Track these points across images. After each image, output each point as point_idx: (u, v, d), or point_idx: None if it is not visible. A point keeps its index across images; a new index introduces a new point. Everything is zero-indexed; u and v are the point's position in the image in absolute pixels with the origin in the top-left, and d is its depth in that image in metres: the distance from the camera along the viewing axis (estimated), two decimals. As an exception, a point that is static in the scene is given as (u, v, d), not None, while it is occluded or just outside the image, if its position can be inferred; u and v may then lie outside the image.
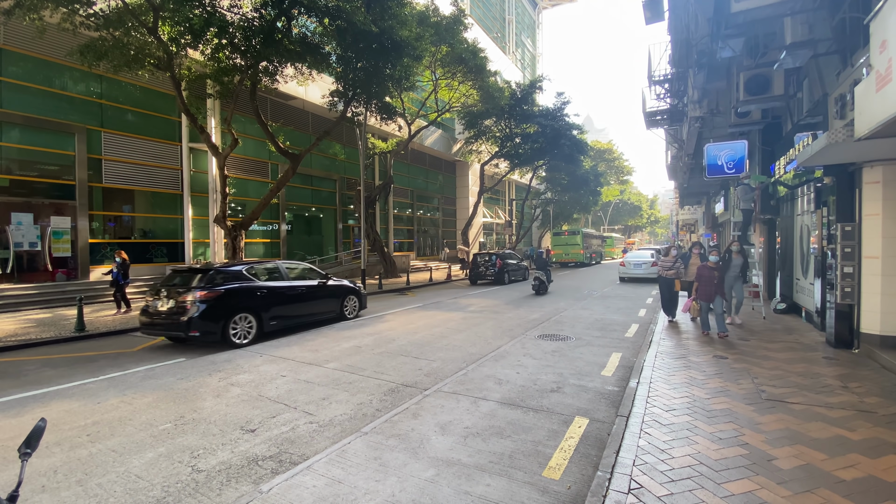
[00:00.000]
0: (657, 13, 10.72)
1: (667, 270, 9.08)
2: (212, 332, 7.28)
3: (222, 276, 7.78)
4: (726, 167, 11.51)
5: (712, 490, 2.91)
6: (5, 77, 11.94)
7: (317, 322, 9.54)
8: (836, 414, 4.15)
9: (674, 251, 9.21)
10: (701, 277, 7.67)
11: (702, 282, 7.65)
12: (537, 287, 14.72)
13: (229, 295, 7.59)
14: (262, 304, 8.06)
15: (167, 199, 15.52)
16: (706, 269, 7.69)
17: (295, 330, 8.90)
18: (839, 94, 6.34)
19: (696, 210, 33.08)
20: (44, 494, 3.07)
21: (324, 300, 9.65)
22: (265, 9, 11.36)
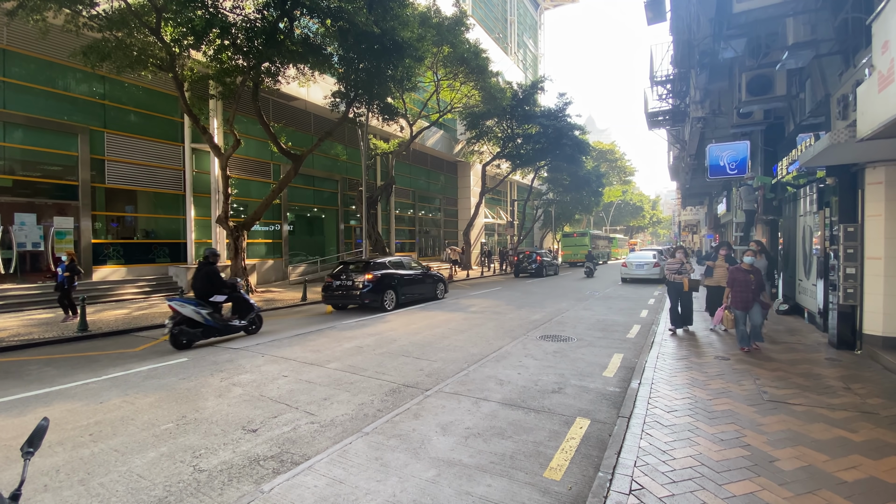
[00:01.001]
0: (659, 14, 10.71)
1: (674, 274, 8.26)
2: (375, 301, 11.21)
3: (377, 266, 11.69)
4: (728, 168, 11.50)
5: (714, 491, 2.90)
6: (9, 78, 12.00)
7: (423, 299, 13.19)
8: (838, 415, 4.14)
9: (680, 253, 8.48)
10: (735, 282, 6.68)
11: (736, 287, 6.64)
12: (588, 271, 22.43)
13: (383, 278, 11.54)
14: (398, 285, 11.95)
15: (169, 200, 15.56)
16: (740, 272, 6.66)
17: (413, 304, 12.62)
18: (841, 94, 6.32)
19: (698, 211, 33.03)
20: (46, 493, 3.08)
21: (428, 284, 13.45)
22: (267, 10, 11.39)
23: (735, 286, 6.70)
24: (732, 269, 6.83)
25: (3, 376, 5.94)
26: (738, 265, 6.83)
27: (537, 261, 23.00)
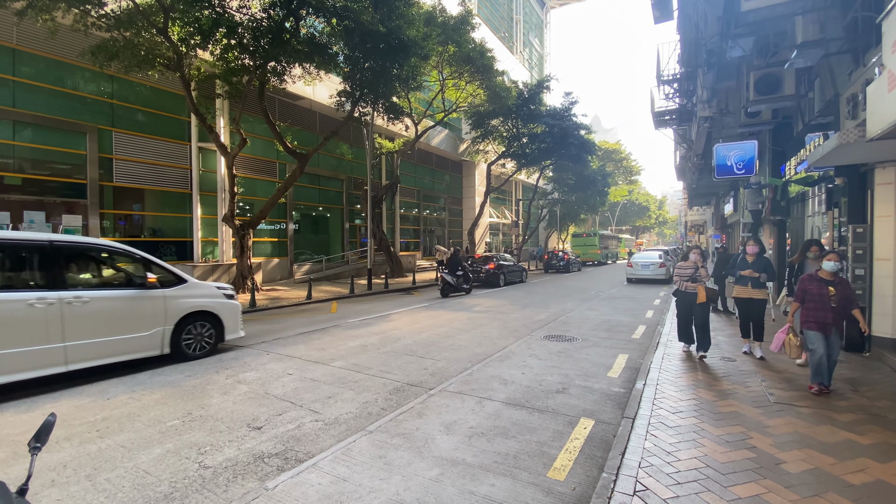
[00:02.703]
0: (666, 12, 10.65)
1: (686, 281, 6.51)
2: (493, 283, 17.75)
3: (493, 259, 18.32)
4: (736, 168, 11.40)
5: (719, 493, 2.89)
6: (18, 77, 12.12)
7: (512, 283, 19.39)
8: (846, 418, 4.10)
9: (695, 254, 6.68)
10: (806, 296, 4.99)
11: (809, 303, 4.95)
12: None
13: (498, 267, 18.14)
14: (504, 272, 18.46)
15: (176, 198, 15.66)
16: (814, 282, 4.96)
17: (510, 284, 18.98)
18: (851, 93, 6.26)
19: (704, 211, 32.83)
20: (53, 489, 3.12)
21: (516, 273, 19.87)
22: (273, 9, 11.43)
23: (807, 301, 4.98)
24: (805, 279, 5.09)
25: (12, 372, 6.00)
26: (812, 272, 5.12)
27: (565, 258, 27.73)
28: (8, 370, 4.87)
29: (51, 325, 5.19)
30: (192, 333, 6.63)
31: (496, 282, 18.01)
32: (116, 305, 5.84)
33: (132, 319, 5.98)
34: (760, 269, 6.44)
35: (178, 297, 6.47)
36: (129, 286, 6.13)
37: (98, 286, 5.99)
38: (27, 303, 5.04)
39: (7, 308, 4.89)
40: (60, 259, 5.48)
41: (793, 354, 5.18)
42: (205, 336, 6.81)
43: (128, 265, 6.40)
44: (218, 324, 6.95)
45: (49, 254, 5.42)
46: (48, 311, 5.18)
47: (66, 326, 5.32)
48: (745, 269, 6.48)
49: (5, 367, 4.84)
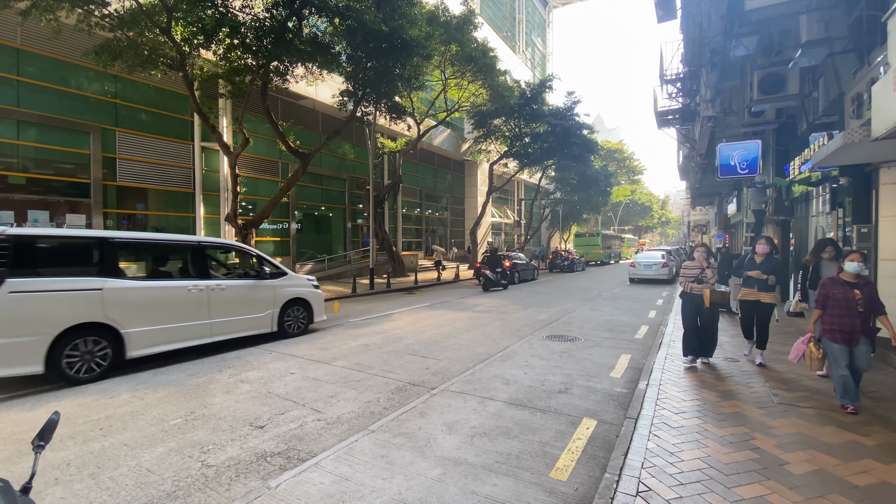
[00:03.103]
0: (669, 11, 10.62)
1: (691, 282, 5.99)
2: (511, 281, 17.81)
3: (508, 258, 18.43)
4: (739, 167, 11.36)
5: (722, 494, 2.87)
6: (22, 77, 12.17)
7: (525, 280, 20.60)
8: (850, 419, 4.08)
9: (700, 252, 6.12)
10: (829, 301, 4.45)
11: (832, 308, 4.42)
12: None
13: (513, 266, 18.35)
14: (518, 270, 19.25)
15: (179, 198, 15.71)
16: (837, 285, 4.44)
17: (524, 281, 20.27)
18: (856, 93, 6.22)
19: (708, 211, 32.73)
20: (57, 487, 3.13)
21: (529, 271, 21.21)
22: (276, 9, 11.44)
23: (832, 306, 4.43)
24: (826, 282, 4.57)
25: (16, 371, 6.03)
26: (835, 275, 4.59)
27: (569, 258, 28.05)
28: (177, 339, 6.44)
29: (202, 306, 6.74)
30: (291, 316, 8.16)
31: (511, 279, 19.23)
32: (242, 292, 7.40)
33: (252, 303, 7.53)
34: (770, 270, 5.89)
35: (282, 286, 8.04)
36: (249, 277, 7.72)
37: (229, 277, 7.62)
38: (187, 289, 6.60)
39: (174, 293, 6.45)
40: (205, 255, 7.08)
41: (814, 367, 4.61)
42: (300, 318, 8.32)
43: (248, 261, 8.26)
44: (309, 309, 8.48)
45: (198, 251, 7.02)
46: (200, 295, 6.72)
47: (211, 308, 6.86)
48: (753, 270, 5.96)
49: (176, 337, 6.43)
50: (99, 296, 5.68)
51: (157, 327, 6.21)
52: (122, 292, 5.90)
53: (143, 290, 6.17)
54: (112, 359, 5.76)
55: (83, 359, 5.50)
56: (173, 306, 6.39)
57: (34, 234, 5.49)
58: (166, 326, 6.31)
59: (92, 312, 5.60)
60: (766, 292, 5.93)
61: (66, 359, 5.34)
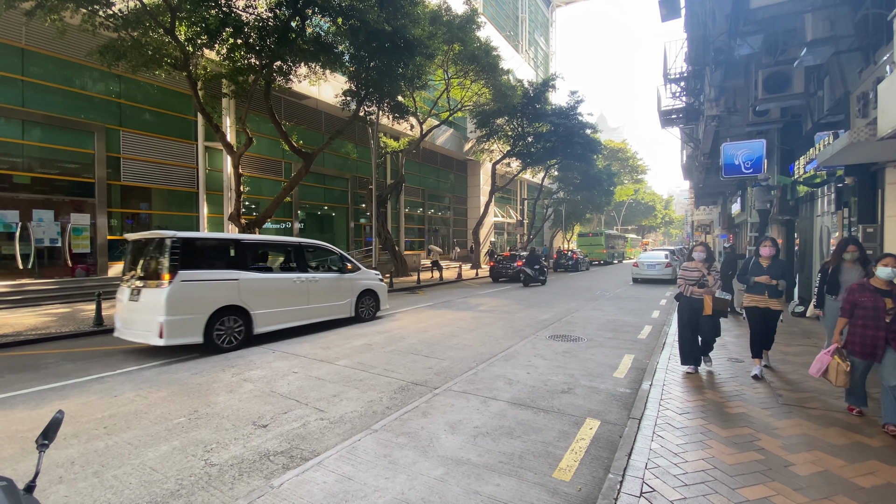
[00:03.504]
0: (673, 10, 10.58)
1: (692, 285, 5.55)
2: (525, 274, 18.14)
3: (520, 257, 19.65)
4: (743, 167, 11.30)
5: (727, 495, 2.86)
6: (27, 77, 12.24)
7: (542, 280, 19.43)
8: (856, 420, 4.06)
9: (699, 253, 5.68)
10: (859, 309, 4.04)
11: (859, 318, 4.03)
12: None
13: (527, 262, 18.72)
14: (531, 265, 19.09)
15: (183, 197, 15.76)
16: (866, 292, 4.03)
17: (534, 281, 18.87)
18: (861, 92, 6.18)
19: (711, 211, 32.60)
20: (61, 485, 3.14)
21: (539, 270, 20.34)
22: (280, 9, 11.46)
23: (858, 315, 4.03)
24: (855, 288, 4.15)
25: (20, 369, 6.07)
26: (865, 281, 4.17)
27: (574, 258, 28.54)
28: (287, 320, 8.04)
29: (303, 294, 8.37)
30: (364, 304, 9.71)
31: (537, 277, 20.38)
32: (330, 283, 9.03)
33: (337, 293, 9.17)
34: (778, 274, 5.40)
35: (358, 279, 9.66)
36: (334, 272, 9.30)
37: (320, 271, 9.14)
38: (293, 280, 8.23)
39: (285, 283, 8.08)
40: (304, 253, 8.74)
41: (839, 382, 4.08)
42: (371, 306, 9.86)
43: (333, 258, 9.67)
44: (377, 298, 10.03)
45: (299, 250, 8.69)
46: (302, 286, 8.36)
47: (309, 296, 8.48)
48: (761, 276, 5.45)
49: (287, 318, 8.03)
50: (236, 284, 7.28)
51: (273, 310, 7.81)
52: (250, 282, 7.48)
53: (264, 281, 7.74)
54: (244, 334, 7.28)
55: (227, 332, 7.07)
56: (284, 294, 8.06)
57: (193, 236, 7.11)
58: (280, 309, 7.93)
59: (232, 297, 7.18)
60: (775, 298, 5.45)
61: (216, 332, 6.90)
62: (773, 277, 5.39)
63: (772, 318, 5.56)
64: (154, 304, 6.49)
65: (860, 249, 4.99)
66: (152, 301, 6.54)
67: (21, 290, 11.45)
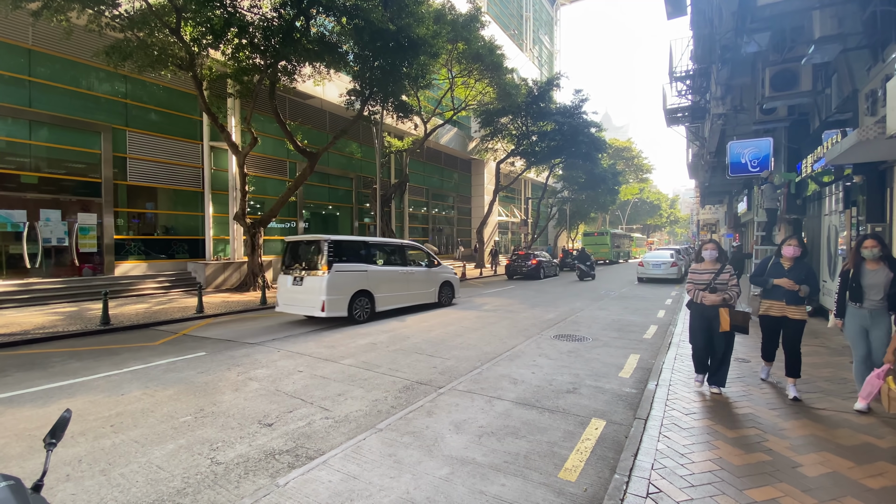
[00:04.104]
0: (679, 8, 10.51)
1: (703, 290, 4.80)
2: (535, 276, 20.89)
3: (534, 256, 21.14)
4: (750, 165, 11.21)
5: (734, 496, 2.84)
6: (34, 77, 12.33)
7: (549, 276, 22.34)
8: (864, 420, 4.01)
9: (710, 251, 4.89)
10: None
11: None
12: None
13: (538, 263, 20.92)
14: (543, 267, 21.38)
15: (189, 197, 15.84)
16: None
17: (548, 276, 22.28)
18: (870, 89, 6.12)
19: (717, 210, 32.41)
20: (68, 483, 3.16)
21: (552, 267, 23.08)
22: (284, 8, 11.49)
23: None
24: None
25: (28, 367, 6.12)
26: None
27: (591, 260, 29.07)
28: (396, 302, 10.44)
29: (406, 283, 10.79)
30: (443, 293, 11.97)
31: (537, 275, 21.29)
32: (422, 275, 11.37)
33: (426, 283, 11.47)
34: (802, 278, 4.63)
35: (440, 273, 11.97)
36: (424, 266, 11.62)
37: (414, 265, 11.36)
38: (400, 272, 10.67)
39: (394, 274, 10.52)
40: (405, 251, 11.20)
41: (893, 408, 3.60)
42: (448, 295, 12.18)
43: (422, 255, 11.92)
44: (452, 289, 12.36)
45: (402, 248, 11.18)
46: (405, 276, 10.79)
47: (409, 284, 10.87)
48: (781, 278, 4.71)
49: (395, 301, 10.42)
50: (366, 274, 9.67)
51: (388, 294, 10.20)
52: (374, 272, 9.91)
53: (382, 272, 10.18)
54: (370, 312, 9.69)
55: (360, 309, 9.45)
56: (394, 282, 10.42)
57: (340, 239, 9.43)
58: (392, 294, 10.31)
59: (363, 283, 9.56)
60: (795, 306, 4.70)
61: (354, 309, 9.29)
62: (795, 281, 4.62)
63: (791, 330, 4.74)
64: (317, 288, 8.83)
65: (882, 245, 4.27)
66: (315, 285, 8.89)
67: (29, 289, 11.55)
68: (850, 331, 4.40)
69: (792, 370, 4.69)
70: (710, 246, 4.91)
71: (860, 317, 4.29)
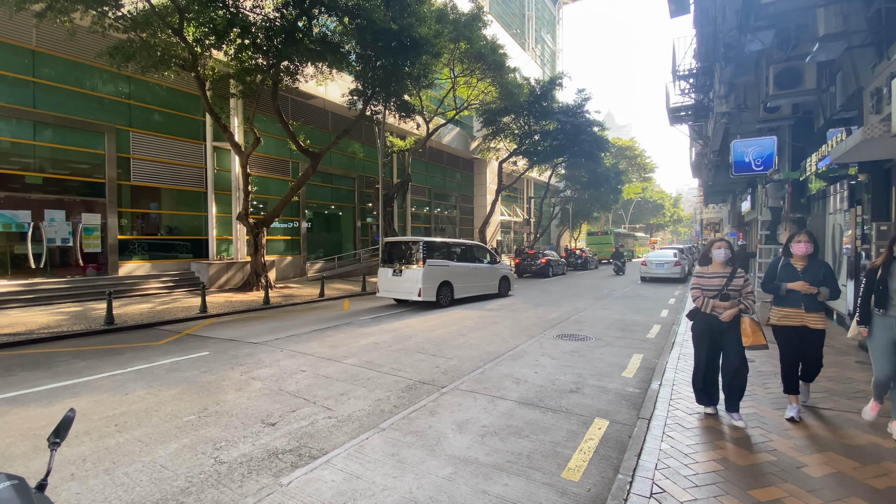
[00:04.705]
0: (682, 6, 10.47)
1: (713, 297, 4.04)
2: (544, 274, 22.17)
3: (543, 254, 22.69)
4: (754, 164, 11.14)
5: (738, 497, 2.82)
6: (38, 78, 12.39)
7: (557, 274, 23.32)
8: (869, 420, 3.99)
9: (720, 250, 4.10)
10: None
11: None
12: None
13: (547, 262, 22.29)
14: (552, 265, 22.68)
15: (192, 197, 15.89)
16: None
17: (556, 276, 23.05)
18: (875, 87, 6.08)
19: (721, 209, 32.29)
20: (73, 482, 3.17)
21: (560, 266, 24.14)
22: (286, 9, 11.50)
23: None
24: None
25: (33, 367, 6.15)
26: None
27: (583, 256, 29.41)
28: (468, 291, 12.64)
29: (475, 275, 13.00)
30: (502, 286, 14.11)
31: (546, 273, 22.36)
32: (486, 270, 13.60)
33: (490, 276, 13.73)
34: (819, 280, 4.02)
35: (499, 268, 14.15)
36: (487, 262, 13.79)
37: (480, 261, 13.57)
38: (471, 267, 12.88)
39: (466, 269, 12.68)
40: (473, 250, 13.47)
41: None
42: (506, 287, 14.29)
43: (485, 253, 14.03)
44: (508, 282, 14.48)
45: (470, 247, 13.36)
46: (474, 270, 13.01)
47: (478, 277, 13.14)
48: (796, 281, 4.05)
49: (468, 291, 12.66)
50: (448, 269, 12.02)
51: (462, 285, 12.51)
52: (453, 267, 12.23)
53: (458, 266, 12.45)
54: (450, 298, 11.96)
55: (444, 296, 11.73)
56: (466, 275, 12.70)
57: (430, 240, 11.83)
58: (465, 285, 12.62)
59: (445, 275, 11.89)
60: (814, 313, 4.05)
61: (439, 296, 11.57)
62: (811, 284, 4.00)
63: (812, 341, 4.08)
64: (415, 278, 11.21)
65: None
66: (413, 276, 11.28)
67: (33, 289, 11.61)
68: (877, 344, 3.67)
69: (808, 375, 4.24)
70: (721, 244, 4.12)
71: (888, 327, 3.59)
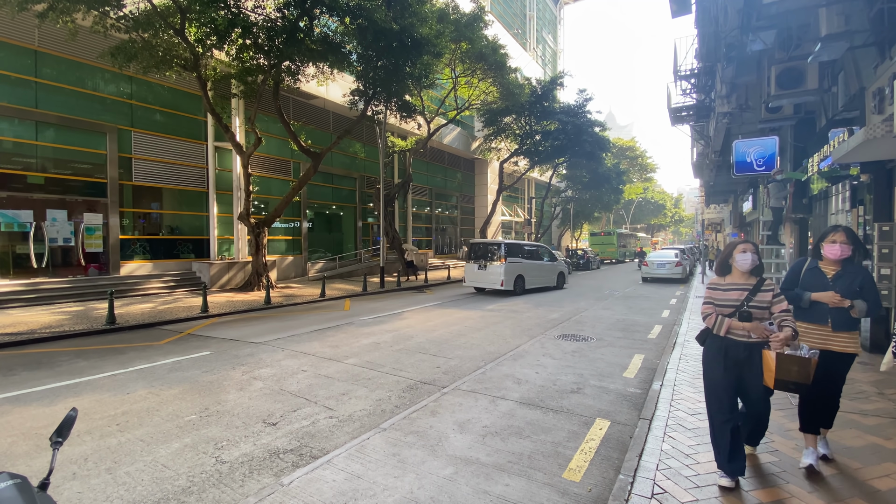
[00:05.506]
0: (684, 6, 10.45)
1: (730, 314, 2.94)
2: None
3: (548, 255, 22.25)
4: (755, 164, 11.14)
5: (739, 497, 2.82)
6: (40, 78, 12.42)
7: None
8: (871, 421, 3.98)
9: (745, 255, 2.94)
10: None
11: None
12: None
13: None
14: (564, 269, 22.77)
15: (193, 197, 15.91)
16: None
17: None
18: (877, 87, 6.05)
19: (722, 209, 32.22)
20: (74, 481, 3.18)
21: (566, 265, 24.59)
22: (288, 9, 11.51)
23: None
24: None
25: (35, 367, 6.17)
26: None
27: (585, 257, 29.75)
28: (536, 283, 15.53)
29: (540, 271, 15.83)
30: (559, 280, 16.73)
31: None
32: (548, 266, 16.30)
33: (550, 272, 16.41)
34: (854, 290, 3.08)
35: (557, 265, 16.80)
36: (547, 260, 16.33)
37: (541, 259, 16.04)
38: (536, 264, 15.68)
39: (534, 265, 15.55)
40: (539, 250, 16.28)
41: None
42: (562, 281, 16.89)
43: (548, 253, 16.66)
44: (564, 277, 17.13)
45: (537, 248, 16.29)
46: (539, 266, 15.80)
47: (542, 273, 15.92)
48: (825, 292, 3.15)
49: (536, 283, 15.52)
50: (521, 265, 14.65)
51: (532, 278, 15.12)
52: (525, 263, 14.89)
53: (528, 263, 15.09)
54: (523, 289, 14.55)
55: (518, 286, 14.34)
56: (534, 270, 15.36)
57: (508, 242, 14.63)
58: (532, 278, 15.13)
59: (519, 270, 14.53)
60: (844, 332, 3.14)
61: (515, 286, 14.17)
62: (844, 295, 3.08)
63: (838, 369, 3.19)
64: (497, 272, 13.94)
65: None
66: (496, 270, 13.99)
67: (35, 288, 11.64)
68: None
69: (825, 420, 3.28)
70: (747, 247, 2.98)
71: None
